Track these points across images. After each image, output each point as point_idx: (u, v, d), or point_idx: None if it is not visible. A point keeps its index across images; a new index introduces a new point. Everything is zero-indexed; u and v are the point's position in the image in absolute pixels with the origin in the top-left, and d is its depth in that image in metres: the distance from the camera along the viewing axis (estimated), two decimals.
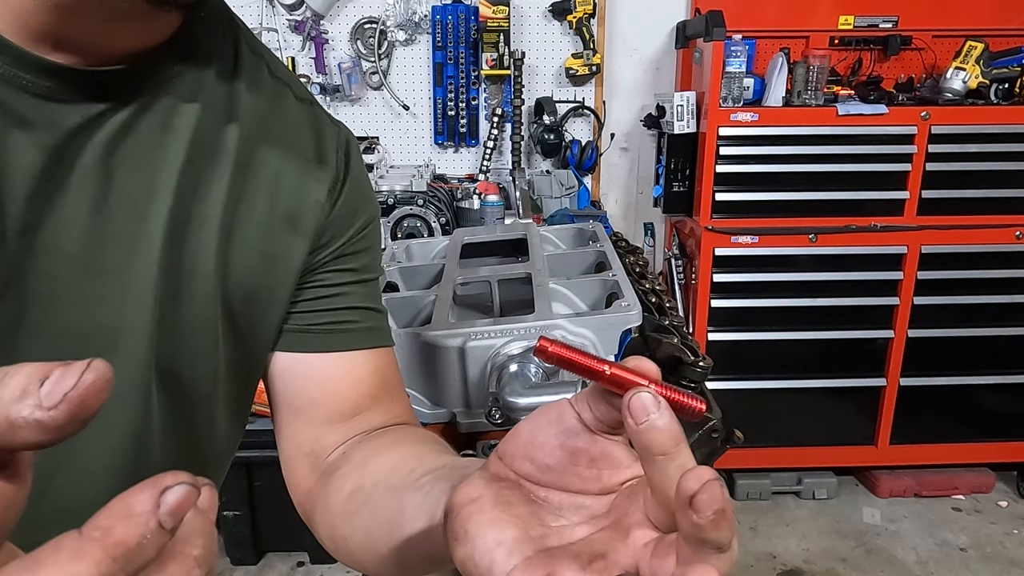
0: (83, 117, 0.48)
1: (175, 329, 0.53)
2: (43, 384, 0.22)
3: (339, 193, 0.62)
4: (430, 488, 0.47)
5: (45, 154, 0.47)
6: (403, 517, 0.49)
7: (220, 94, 0.56)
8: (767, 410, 2.73)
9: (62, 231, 0.48)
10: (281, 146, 0.59)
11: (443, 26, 2.82)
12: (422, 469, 0.51)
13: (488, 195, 2.42)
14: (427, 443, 0.60)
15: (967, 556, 2.57)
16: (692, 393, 0.35)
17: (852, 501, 2.88)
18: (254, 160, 0.57)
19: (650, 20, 2.92)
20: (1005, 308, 2.66)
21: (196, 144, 0.53)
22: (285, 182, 0.59)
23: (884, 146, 2.51)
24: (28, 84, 0.46)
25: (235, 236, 0.56)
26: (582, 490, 0.36)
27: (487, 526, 0.35)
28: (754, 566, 2.54)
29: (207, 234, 0.54)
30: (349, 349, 0.64)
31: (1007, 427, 2.79)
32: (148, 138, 0.51)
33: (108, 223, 0.50)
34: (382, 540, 0.52)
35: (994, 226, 2.58)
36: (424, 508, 0.46)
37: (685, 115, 2.62)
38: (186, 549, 0.24)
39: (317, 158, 0.61)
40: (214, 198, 0.55)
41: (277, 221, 0.58)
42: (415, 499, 0.48)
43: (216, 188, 0.55)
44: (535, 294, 0.84)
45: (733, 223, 2.58)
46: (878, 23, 2.82)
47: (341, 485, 0.59)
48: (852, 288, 2.64)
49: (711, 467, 0.85)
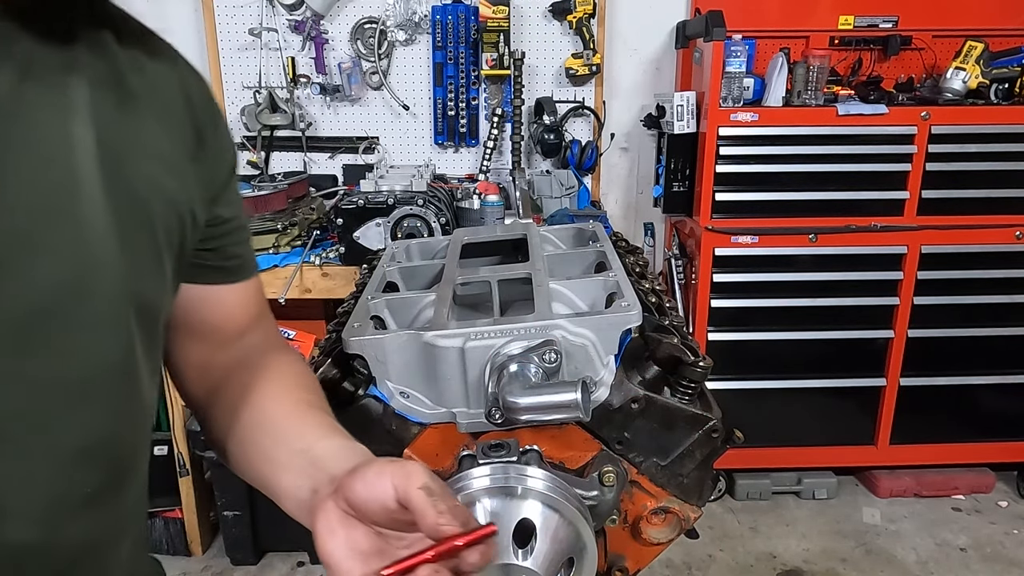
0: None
1: (138, 258, 0.56)
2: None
3: (207, 135, 0.65)
4: (297, 476, 0.63)
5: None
6: (277, 484, 0.65)
7: (89, 42, 0.56)
8: (767, 410, 2.73)
9: (6, 185, 0.48)
10: (151, 86, 0.60)
11: (443, 26, 2.82)
12: (292, 447, 0.65)
13: (488, 195, 2.42)
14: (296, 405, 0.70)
15: (967, 556, 2.57)
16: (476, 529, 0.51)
17: (852, 501, 2.88)
18: (144, 96, 0.58)
19: (650, 20, 2.92)
20: (1005, 308, 2.66)
21: (72, 95, 0.53)
22: (161, 126, 0.60)
23: (884, 146, 2.51)
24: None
25: (152, 163, 0.58)
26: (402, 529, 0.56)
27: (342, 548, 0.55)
28: (754, 566, 2.54)
29: (91, 185, 0.54)
30: (244, 279, 0.73)
31: (1007, 427, 2.79)
32: (49, 80, 0.51)
33: (35, 170, 0.50)
34: (258, 480, 0.68)
35: (994, 226, 2.58)
36: (292, 490, 0.63)
37: (685, 115, 2.62)
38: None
39: (186, 104, 0.63)
40: (127, 130, 0.56)
41: (181, 153, 0.62)
42: (287, 478, 0.64)
43: (128, 120, 0.56)
44: (535, 294, 0.84)
45: (733, 223, 2.58)
46: (878, 23, 2.82)
47: (226, 411, 0.71)
48: (852, 288, 2.64)
49: (711, 468, 0.85)
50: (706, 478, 0.86)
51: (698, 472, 0.84)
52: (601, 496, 0.78)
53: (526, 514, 0.71)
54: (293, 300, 2.37)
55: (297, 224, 2.47)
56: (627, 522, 0.85)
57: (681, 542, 0.89)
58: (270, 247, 2.39)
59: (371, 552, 0.55)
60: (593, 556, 0.73)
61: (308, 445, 0.64)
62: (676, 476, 0.84)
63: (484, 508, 0.72)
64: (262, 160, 2.94)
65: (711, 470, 0.85)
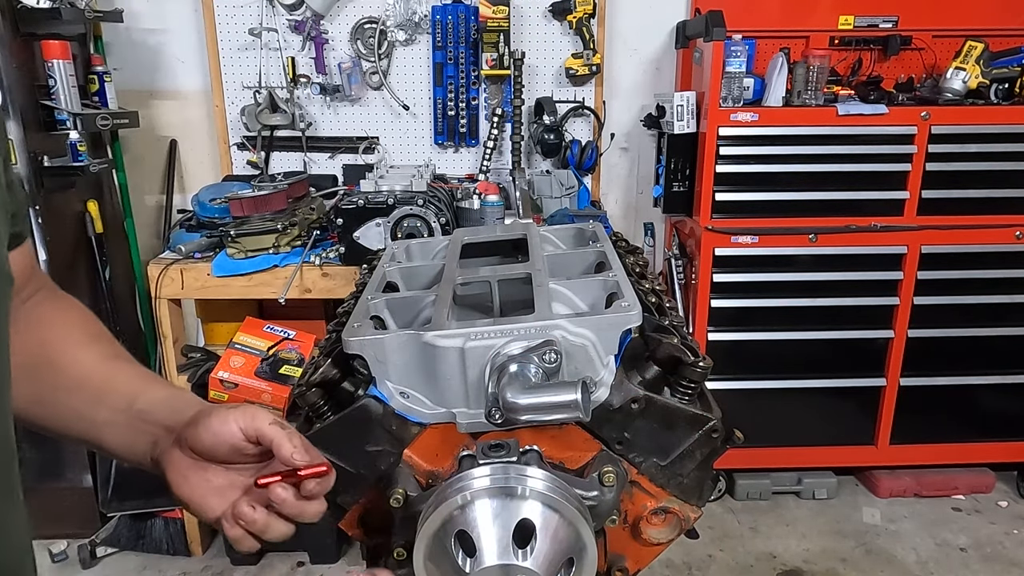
0: None
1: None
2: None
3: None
4: (126, 432, 0.67)
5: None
6: (103, 442, 0.68)
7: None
8: (767, 410, 2.73)
9: None
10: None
11: (443, 26, 2.82)
12: (111, 406, 0.68)
13: (488, 195, 2.42)
14: (101, 360, 0.73)
15: (967, 556, 2.57)
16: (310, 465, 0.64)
17: (852, 501, 2.88)
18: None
19: (650, 20, 2.92)
20: (1005, 308, 2.66)
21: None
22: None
23: (884, 146, 2.51)
24: None
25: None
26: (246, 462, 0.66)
27: (199, 489, 0.65)
28: (754, 566, 2.54)
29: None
30: (25, 241, 0.76)
31: (1007, 427, 2.79)
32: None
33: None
34: (79, 439, 0.70)
35: (994, 226, 2.58)
36: (125, 447, 0.68)
37: (685, 115, 2.62)
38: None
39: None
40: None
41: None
42: (115, 436, 0.68)
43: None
44: (535, 294, 0.84)
45: (733, 223, 2.58)
46: (878, 23, 2.82)
47: (22, 374, 0.68)
48: (852, 288, 2.64)
49: (711, 468, 0.85)
50: (706, 478, 0.85)
51: (698, 472, 0.84)
52: (601, 496, 0.78)
53: (526, 514, 0.71)
54: (293, 300, 2.37)
55: (297, 224, 2.47)
56: (627, 522, 0.85)
57: (681, 542, 0.88)
58: (270, 247, 2.39)
59: (224, 486, 0.65)
60: (593, 556, 0.73)
61: (129, 402, 0.68)
62: (676, 476, 0.84)
63: (484, 508, 0.72)
64: (262, 160, 2.94)
65: (711, 470, 0.85)
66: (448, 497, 0.71)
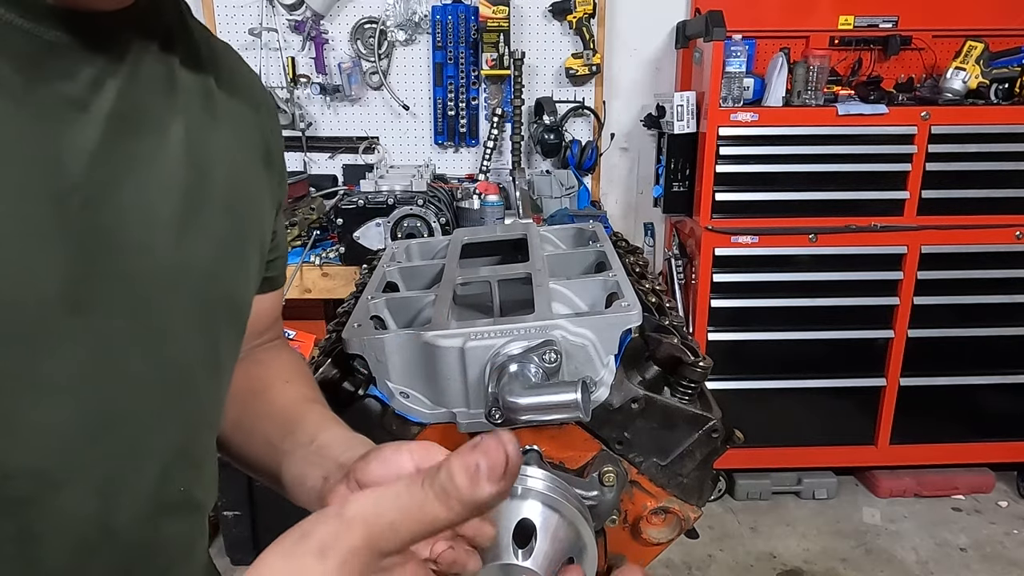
0: (95, 68, 0.49)
1: (228, 259, 0.58)
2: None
3: (274, 139, 0.70)
4: (303, 464, 0.64)
5: (71, 107, 0.48)
6: (282, 471, 0.66)
7: (186, 49, 0.58)
8: (767, 410, 2.73)
9: (108, 184, 0.49)
10: (241, 88, 0.65)
11: (443, 26, 2.82)
12: (297, 439, 0.67)
13: (488, 195, 2.42)
14: (301, 399, 0.74)
15: (967, 556, 2.57)
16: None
17: (852, 501, 2.88)
18: (231, 104, 0.62)
19: (650, 20, 2.92)
20: (1005, 308, 2.66)
21: (188, 91, 0.56)
22: (249, 129, 0.65)
23: (884, 146, 2.51)
24: (42, 34, 0.46)
25: (238, 172, 0.60)
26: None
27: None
28: (754, 566, 2.54)
29: (219, 174, 0.57)
30: (279, 288, 0.80)
31: (1007, 427, 2.79)
32: (149, 87, 0.53)
33: (139, 173, 0.51)
34: (261, 468, 0.71)
35: (994, 226, 2.58)
36: (299, 478, 0.64)
37: (685, 115, 2.62)
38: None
39: (259, 105, 0.68)
40: (216, 139, 0.58)
41: (257, 162, 0.65)
42: (294, 467, 0.65)
43: (214, 130, 0.58)
44: (535, 294, 0.84)
45: (733, 223, 2.58)
46: (878, 23, 2.82)
47: (234, 401, 0.70)
48: (852, 288, 2.64)
49: (711, 468, 0.85)
50: (706, 478, 0.85)
51: (698, 472, 0.84)
52: (601, 496, 0.78)
53: (526, 514, 0.70)
54: (293, 300, 2.37)
55: (297, 224, 2.47)
56: (627, 522, 0.85)
57: (681, 542, 0.89)
58: None
59: None
60: (593, 556, 0.73)
61: (312, 436, 0.67)
62: (676, 476, 0.84)
63: None
64: None
65: (711, 470, 0.85)
66: None
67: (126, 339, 0.50)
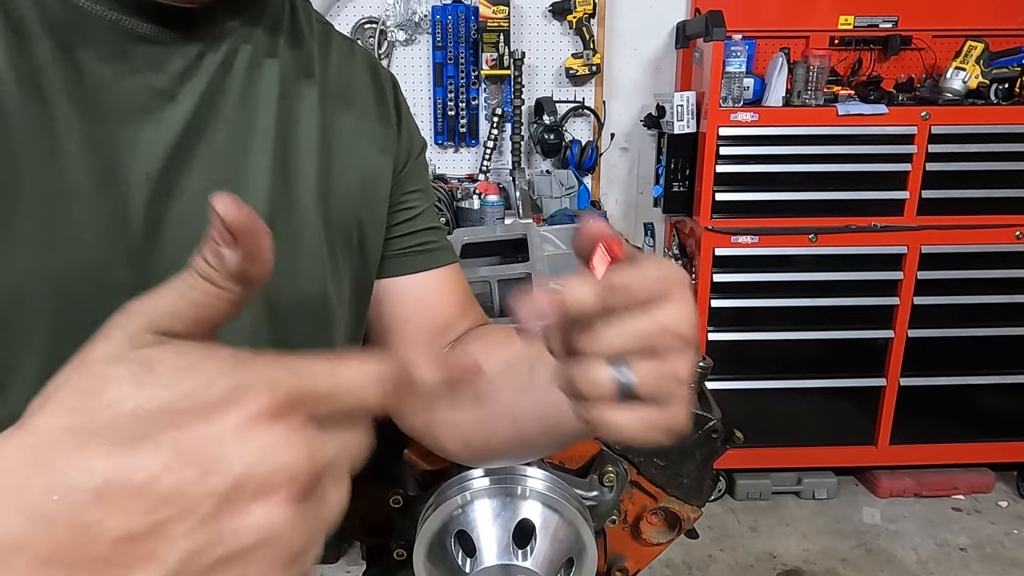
0: (186, 59, 0.49)
1: (284, 263, 0.56)
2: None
3: (399, 118, 0.67)
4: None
5: (159, 97, 0.48)
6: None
7: (291, 35, 0.58)
8: (767, 410, 2.73)
9: (186, 174, 0.49)
10: (350, 77, 0.63)
11: (443, 26, 2.82)
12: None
13: (488, 195, 2.42)
14: (511, 332, 0.65)
15: (967, 556, 2.57)
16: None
17: (852, 501, 2.88)
18: (334, 90, 0.60)
19: (650, 20, 2.92)
20: (1005, 308, 2.66)
21: (284, 80, 0.55)
22: (364, 108, 0.63)
23: (884, 146, 2.51)
24: (131, 27, 0.47)
25: (335, 166, 0.58)
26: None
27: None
28: (754, 566, 2.54)
29: (308, 165, 0.56)
30: (438, 267, 0.69)
31: (1007, 427, 2.79)
32: (242, 77, 0.53)
33: (220, 163, 0.51)
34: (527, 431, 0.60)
35: (994, 226, 2.58)
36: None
37: (685, 115, 2.62)
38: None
39: (377, 89, 0.65)
40: (307, 130, 0.57)
41: (366, 144, 0.62)
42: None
43: (307, 120, 0.57)
44: None
45: (733, 223, 2.58)
46: (878, 23, 2.82)
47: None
48: (852, 288, 2.64)
49: (711, 468, 0.85)
50: (706, 478, 0.85)
51: (698, 472, 0.84)
52: (601, 496, 0.78)
53: (526, 514, 0.71)
54: None
55: None
56: (627, 522, 0.85)
57: (681, 542, 0.89)
58: None
59: None
60: (593, 556, 0.73)
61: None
62: (676, 476, 0.84)
63: (484, 508, 0.72)
64: None
65: (711, 470, 0.85)
66: (448, 497, 0.71)
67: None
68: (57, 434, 0.25)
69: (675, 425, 0.38)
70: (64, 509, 0.24)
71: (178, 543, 0.25)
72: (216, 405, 0.26)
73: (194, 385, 0.26)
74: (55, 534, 0.24)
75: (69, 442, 0.25)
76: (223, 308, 0.29)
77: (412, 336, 0.67)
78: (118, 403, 0.25)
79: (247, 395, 0.26)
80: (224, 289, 0.29)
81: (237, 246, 0.28)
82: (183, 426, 0.25)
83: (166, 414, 0.25)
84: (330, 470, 0.28)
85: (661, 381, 0.37)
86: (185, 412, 0.25)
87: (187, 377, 0.26)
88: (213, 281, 0.28)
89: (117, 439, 0.25)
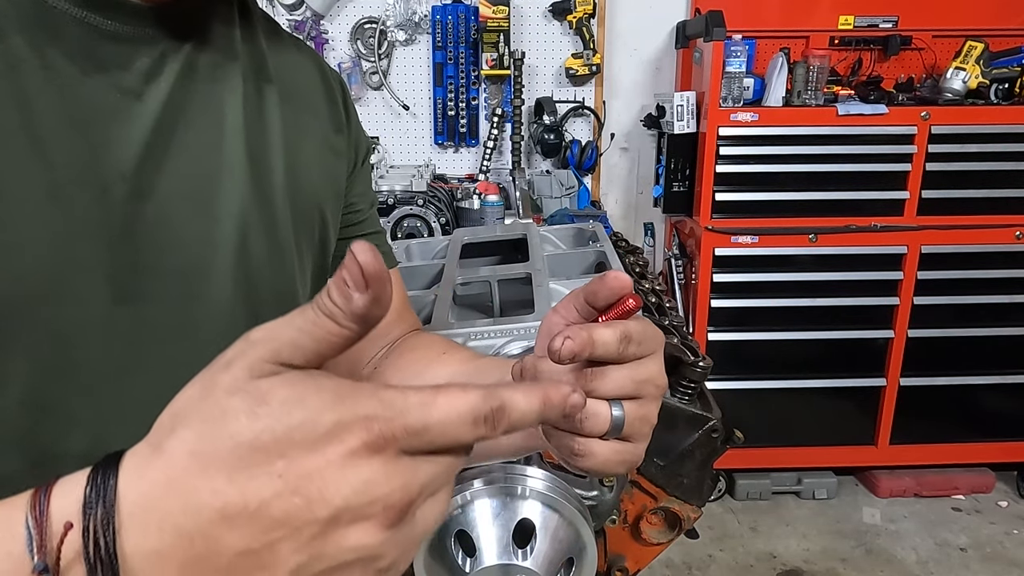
0: (150, 58, 0.49)
1: (261, 260, 0.56)
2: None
3: (348, 120, 0.68)
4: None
5: (126, 96, 0.48)
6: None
7: (245, 32, 0.58)
8: (767, 410, 2.73)
9: (160, 173, 0.49)
10: (300, 78, 0.63)
11: (443, 26, 2.82)
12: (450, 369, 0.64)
13: (488, 195, 2.42)
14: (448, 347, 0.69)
15: (967, 556, 2.57)
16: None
17: (852, 501, 2.88)
18: (288, 90, 0.60)
19: (650, 20, 2.92)
20: (1005, 308, 2.66)
21: (245, 79, 0.56)
22: (316, 109, 0.64)
23: (884, 146, 2.51)
24: (96, 23, 0.47)
25: (299, 163, 0.59)
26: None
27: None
28: (754, 566, 2.54)
29: (276, 162, 0.57)
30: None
31: (1007, 427, 2.79)
32: (206, 77, 0.53)
33: (194, 162, 0.51)
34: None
35: (994, 226, 2.58)
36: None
37: (685, 115, 2.62)
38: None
39: (327, 91, 0.66)
40: (273, 128, 0.57)
41: (321, 145, 0.63)
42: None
43: (271, 119, 0.57)
44: (535, 294, 0.84)
45: (733, 223, 2.58)
46: (878, 23, 2.82)
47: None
48: (852, 288, 2.64)
49: (711, 468, 0.85)
50: (706, 478, 0.85)
51: (698, 472, 0.84)
52: (601, 496, 0.78)
53: (526, 514, 0.71)
54: None
55: None
56: (627, 522, 0.85)
57: (681, 542, 0.89)
58: None
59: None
60: (593, 556, 0.73)
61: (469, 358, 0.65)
62: (676, 476, 0.84)
63: (484, 508, 0.72)
64: None
65: (711, 470, 0.85)
66: None
67: (172, 331, 0.50)
68: (186, 460, 0.30)
69: (638, 461, 0.47)
70: (194, 526, 0.29)
71: (288, 559, 0.29)
72: (320, 441, 0.30)
73: (302, 420, 0.30)
74: (190, 547, 0.29)
75: (195, 467, 0.30)
76: (339, 344, 0.32)
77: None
78: (238, 434, 0.29)
79: (347, 431, 0.30)
80: (345, 328, 0.32)
81: (368, 291, 0.31)
82: (292, 459, 0.29)
83: (278, 445, 0.29)
84: (424, 493, 0.32)
85: (640, 422, 0.45)
86: (294, 445, 0.30)
87: (296, 410, 0.30)
88: (336, 320, 0.31)
89: (237, 467, 0.29)
